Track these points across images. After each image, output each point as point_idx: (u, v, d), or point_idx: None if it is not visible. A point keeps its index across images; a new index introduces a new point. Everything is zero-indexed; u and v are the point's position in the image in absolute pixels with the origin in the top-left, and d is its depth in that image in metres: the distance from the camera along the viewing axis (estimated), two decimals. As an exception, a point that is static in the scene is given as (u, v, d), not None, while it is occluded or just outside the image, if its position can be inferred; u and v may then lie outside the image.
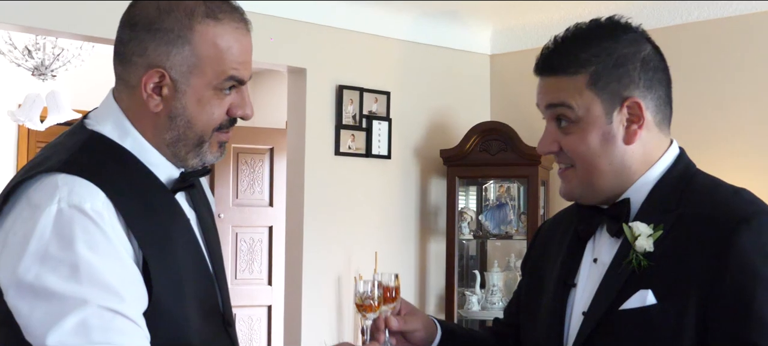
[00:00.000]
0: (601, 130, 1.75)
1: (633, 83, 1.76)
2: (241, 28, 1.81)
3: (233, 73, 1.77)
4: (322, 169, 5.31)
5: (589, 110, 1.75)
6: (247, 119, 1.83)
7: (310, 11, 5.22)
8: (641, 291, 1.67)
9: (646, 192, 1.78)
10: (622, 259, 1.72)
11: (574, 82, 1.76)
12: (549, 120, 1.82)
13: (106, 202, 1.63)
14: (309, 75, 5.27)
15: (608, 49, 1.76)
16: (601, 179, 1.77)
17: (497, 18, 5.76)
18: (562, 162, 1.82)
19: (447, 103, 5.87)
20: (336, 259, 5.36)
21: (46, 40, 6.19)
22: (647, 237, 1.69)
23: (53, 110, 6.13)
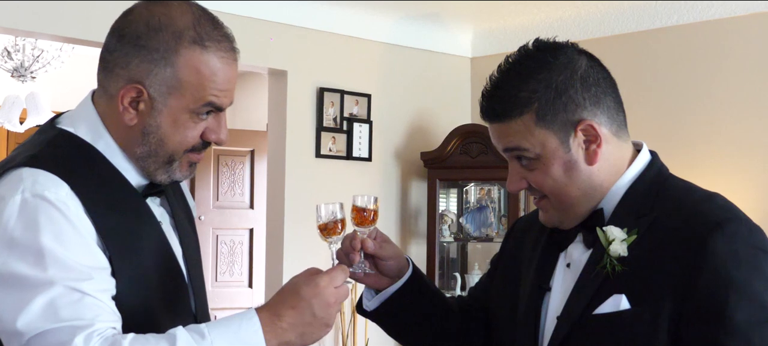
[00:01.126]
0: (561, 161, 1.74)
1: (579, 106, 1.73)
2: (227, 57, 1.80)
3: (212, 100, 1.77)
4: (303, 171, 5.30)
5: (545, 146, 1.74)
6: (221, 144, 1.84)
7: (291, 13, 5.21)
8: (615, 296, 1.68)
9: (618, 198, 1.77)
10: (595, 263, 1.72)
11: (522, 124, 1.73)
12: (510, 160, 1.80)
13: (70, 193, 1.66)
14: (290, 77, 5.27)
15: (545, 80, 1.73)
16: (574, 205, 1.77)
17: (478, 20, 5.77)
18: (535, 194, 1.81)
19: (428, 106, 5.88)
20: (317, 261, 5.31)
21: (25, 41, 6.17)
22: (621, 242, 1.69)
23: (33, 112, 6.10)
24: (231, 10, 4.95)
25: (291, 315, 1.69)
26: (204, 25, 1.77)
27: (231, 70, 1.81)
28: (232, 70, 1.81)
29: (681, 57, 4.98)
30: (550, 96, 1.72)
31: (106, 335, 1.60)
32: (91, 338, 1.58)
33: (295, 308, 1.70)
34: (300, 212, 5.27)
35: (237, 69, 1.83)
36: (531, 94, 1.72)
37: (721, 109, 4.82)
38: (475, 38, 6.04)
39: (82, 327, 1.58)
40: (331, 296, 1.73)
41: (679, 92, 4.96)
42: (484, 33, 5.96)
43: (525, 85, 1.73)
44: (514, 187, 1.81)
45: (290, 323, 1.69)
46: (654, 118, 4.92)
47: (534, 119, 1.72)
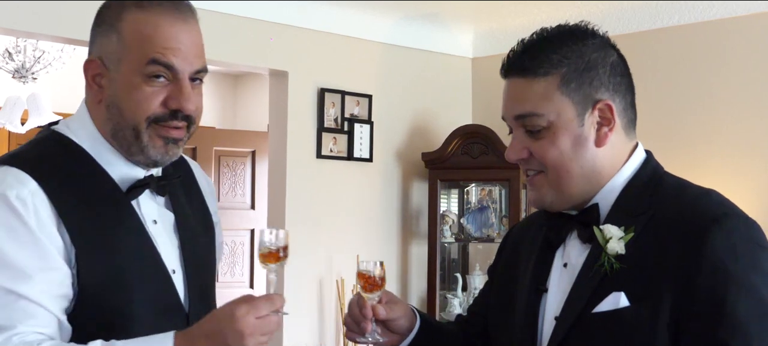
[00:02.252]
0: (572, 134, 1.75)
1: (603, 86, 1.76)
2: (169, 15, 1.81)
3: (156, 57, 1.78)
4: (304, 172, 5.30)
5: (560, 114, 1.74)
6: (185, 112, 1.81)
7: (292, 14, 5.21)
8: (614, 294, 1.68)
9: (615, 196, 1.78)
10: (593, 262, 1.72)
11: (544, 85, 1.74)
12: (516, 128, 1.80)
13: (36, 190, 1.72)
14: (291, 78, 5.27)
15: (578, 51, 1.76)
16: (571, 184, 1.77)
17: (479, 21, 5.77)
18: (532, 168, 1.80)
19: (429, 107, 5.88)
20: (318, 262, 5.35)
21: (26, 42, 6.17)
22: (618, 239, 1.70)
23: (34, 113, 6.10)
24: (231, 11, 4.96)
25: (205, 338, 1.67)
26: None
27: (174, 28, 1.81)
28: (175, 28, 1.81)
29: (681, 57, 4.98)
30: (580, 66, 1.75)
31: (27, 339, 1.64)
32: (9, 341, 1.62)
33: (209, 336, 1.68)
34: (301, 213, 5.27)
35: (188, 28, 1.83)
36: (562, 58, 1.74)
37: (721, 110, 4.82)
38: (476, 39, 6.04)
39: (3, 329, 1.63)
40: (247, 326, 1.67)
41: (679, 92, 4.96)
42: (485, 33, 5.96)
43: (558, 49, 1.75)
44: (515, 156, 1.80)
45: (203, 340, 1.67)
46: (654, 118, 4.92)
47: (558, 83, 1.74)
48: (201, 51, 1.86)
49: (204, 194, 2.09)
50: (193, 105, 1.82)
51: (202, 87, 1.88)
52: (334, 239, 5.41)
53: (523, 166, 1.82)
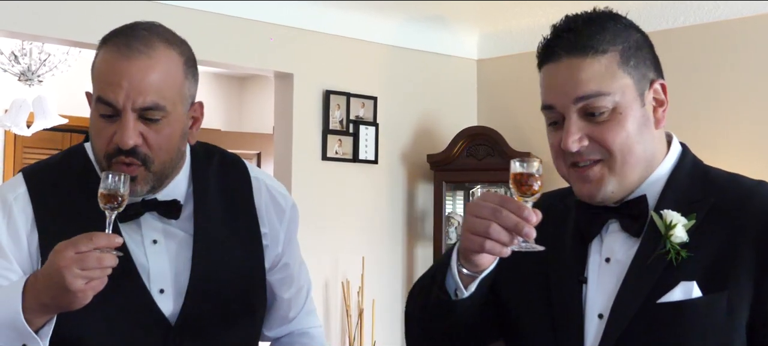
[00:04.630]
0: (637, 114, 1.64)
1: (653, 66, 1.70)
2: (116, 51, 1.79)
3: (100, 95, 1.79)
4: (309, 174, 5.31)
5: (625, 93, 1.63)
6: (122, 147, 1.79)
7: (297, 16, 5.22)
8: (684, 283, 1.58)
9: (660, 186, 1.68)
10: (648, 253, 1.62)
11: (607, 62, 1.63)
12: (571, 114, 1.64)
13: (22, 195, 1.86)
14: (296, 80, 5.27)
15: (625, 30, 1.69)
16: (635, 170, 1.65)
17: (484, 23, 5.77)
18: (590, 157, 1.65)
19: (434, 108, 5.88)
20: (323, 264, 5.35)
21: (32, 45, 6.18)
22: (682, 226, 1.59)
23: (40, 116, 6.11)
24: (236, 13, 4.96)
25: (42, 277, 1.69)
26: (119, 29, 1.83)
27: (118, 64, 1.78)
28: (120, 64, 1.78)
29: (687, 58, 4.96)
30: (632, 44, 1.67)
31: None
32: None
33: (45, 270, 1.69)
34: (306, 215, 5.23)
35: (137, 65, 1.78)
36: (615, 36, 1.66)
37: (728, 111, 4.81)
38: (481, 40, 6.04)
39: None
40: (63, 259, 1.63)
41: (684, 94, 4.95)
42: (489, 35, 5.96)
43: (609, 27, 1.67)
44: (574, 144, 1.63)
45: (43, 285, 1.68)
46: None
47: (618, 60, 1.64)
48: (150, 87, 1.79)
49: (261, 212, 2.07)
50: (132, 140, 1.77)
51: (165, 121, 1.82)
52: (340, 240, 5.41)
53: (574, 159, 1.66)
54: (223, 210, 2.00)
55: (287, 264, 2.15)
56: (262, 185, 2.11)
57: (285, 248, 2.13)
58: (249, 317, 2.07)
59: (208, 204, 1.98)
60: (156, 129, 1.81)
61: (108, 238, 1.67)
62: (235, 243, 2.01)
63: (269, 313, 2.15)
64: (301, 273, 2.21)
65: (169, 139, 1.84)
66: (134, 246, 1.89)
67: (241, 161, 2.14)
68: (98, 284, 1.66)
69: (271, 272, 2.12)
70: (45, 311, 1.70)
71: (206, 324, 1.93)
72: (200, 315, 1.92)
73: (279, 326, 2.19)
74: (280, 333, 2.20)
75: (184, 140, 1.91)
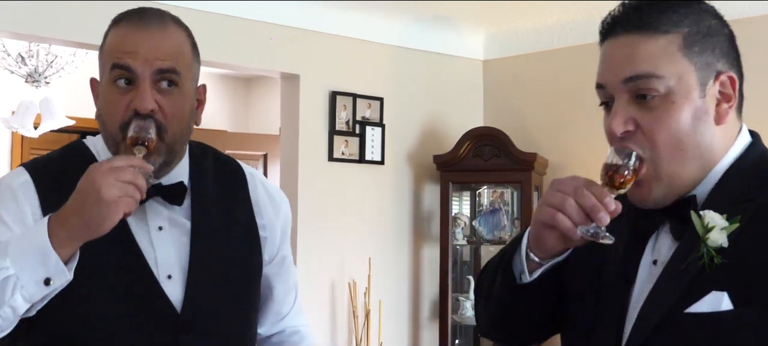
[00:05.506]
0: (693, 106, 1.50)
1: (724, 57, 1.54)
2: (132, 25, 1.89)
3: (115, 61, 1.86)
4: (316, 175, 5.31)
5: (682, 80, 1.50)
6: (140, 111, 1.83)
7: (304, 17, 5.22)
8: (714, 293, 1.43)
9: (713, 183, 1.53)
10: (684, 255, 1.48)
11: (666, 44, 1.51)
12: (621, 96, 1.53)
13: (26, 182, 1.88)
14: (302, 81, 5.28)
15: (697, 13, 1.54)
16: (684, 168, 1.52)
17: (490, 23, 5.77)
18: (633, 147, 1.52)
19: (440, 109, 5.88)
20: (329, 265, 5.36)
21: (39, 47, 6.19)
22: (721, 230, 1.44)
23: (47, 117, 6.12)
24: (242, 15, 4.97)
25: (71, 201, 1.71)
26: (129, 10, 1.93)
27: (133, 34, 1.87)
28: (135, 34, 1.87)
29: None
30: (702, 30, 1.53)
31: None
32: None
33: (76, 191, 1.71)
34: (313, 216, 5.27)
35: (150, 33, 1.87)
36: (683, 17, 1.52)
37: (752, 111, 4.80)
38: (487, 41, 6.04)
39: None
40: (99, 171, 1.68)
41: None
42: (496, 35, 5.96)
43: (678, 7, 1.54)
44: (621, 127, 1.52)
45: (71, 208, 1.70)
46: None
47: (680, 43, 1.51)
48: (166, 53, 1.87)
49: (258, 206, 2.11)
50: (151, 104, 1.83)
51: (178, 93, 1.89)
52: (346, 241, 5.42)
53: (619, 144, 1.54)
54: (220, 201, 2.04)
55: (284, 257, 2.20)
56: (257, 180, 2.17)
57: (281, 243, 2.19)
58: (251, 307, 2.10)
59: (206, 194, 2.02)
60: (170, 98, 1.87)
61: (141, 160, 1.74)
62: (233, 233, 2.04)
63: (263, 308, 2.18)
64: (292, 270, 2.25)
65: (181, 110, 1.89)
66: (140, 233, 1.92)
67: (235, 160, 2.20)
68: (130, 202, 1.68)
69: (270, 265, 2.15)
70: (70, 239, 1.70)
71: (211, 313, 1.95)
72: (205, 303, 1.94)
73: (271, 323, 2.21)
74: (272, 330, 2.21)
75: (192, 118, 1.96)
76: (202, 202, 2.01)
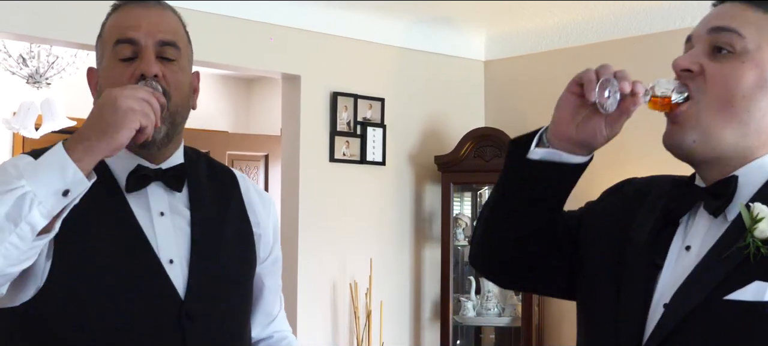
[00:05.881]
0: (760, 73, 1.54)
1: None
2: (132, 5, 1.98)
3: (119, 37, 1.93)
4: (317, 175, 5.31)
5: (760, 49, 1.55)
6: (148, 75, 1.89)
7: (304, 18, 5.22)
8: (758, 283, 1.43)
9: (764, 177, 1.55)
10: (728, 244, 1.48)
11: (759, 18, 1.57)
12: (700, 45, 1.60)
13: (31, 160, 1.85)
14: (303, 82, 5.28)
15: None
16: (728, 126, 1.54)
17: (491, 24, 5.77)
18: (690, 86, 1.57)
19: (441, 110, 5.88)
20: (331, 265, 5.36)
21: (40, 48, 6.19)
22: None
23: (48, 118, 6.12)
24: (243, 15, 4.97)
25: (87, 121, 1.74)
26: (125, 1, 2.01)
27: (134, 12, 1.97)
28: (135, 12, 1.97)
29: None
30: None
31: None
32: None
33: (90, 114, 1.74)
34: (314, 217, 5.27)
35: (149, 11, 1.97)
36: None
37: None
38: (489, 41, 6.04)
39: None
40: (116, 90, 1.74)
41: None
42: (497, 36, 5.96)
43: None
44: (686, 62, 1.59)
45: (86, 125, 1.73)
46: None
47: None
48: (167, 28, 1.96)
49: (250, 206, 2.14)
50: (157, 70, 1.89)
51: (177, 66, 1.96)
52: (348, 242, 5.41)
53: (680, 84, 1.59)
54: (214, 198, 2.08)
55: (277, 257, 2.23)
56: (247, 181, 2.20)
57: (275, 242, 2.21)
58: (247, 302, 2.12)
59: (202, 190, 2.06)
60: (171, 68, 1.94)
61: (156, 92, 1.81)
62: (228, 228, 2.07)
63: (255, 308, 2.19)
64: (280, 273, 2.28)
65: (182, 82, 1.96)
66: (143, 217, 1.94)
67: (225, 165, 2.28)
68: (146, 118, 1.72)
69: (263, 264, 2.17)
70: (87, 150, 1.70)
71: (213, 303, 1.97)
72: (207, 291, 1.96)
73: (263, 325, 2.22)
74: (262, 334, 2.23)
75: (189, 97, 2.02)
76: (199, 195, 2.04)
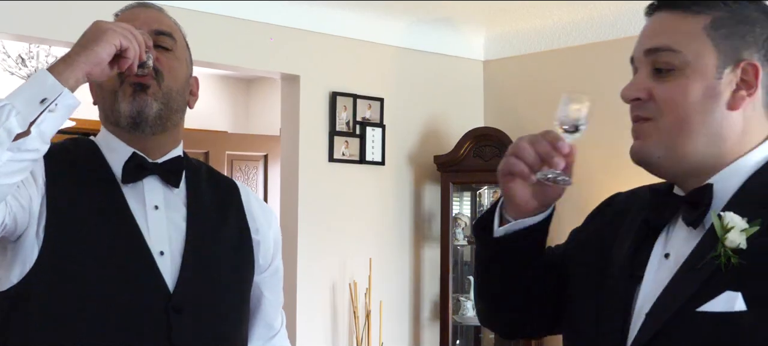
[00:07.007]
0: (705, 84, 1.53)
1: (755, 46, 1.55)
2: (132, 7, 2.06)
3: None
4: (316, 175, 5.31)
5: (700, 57, 1.53)
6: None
7: (304, 18, 5.22)
8: (729, 293, 1.43)
9: (740, 181, 1.53)
10: (704, 253, 1.48)
11: (692, 23, 1.55)
12: (643, 68, 1.59)
13: None
14: (302, 82, 5.28)
15: (740, 3, 1.57)
16: (688, 141, 1.54)
17: (490, 24, 5.77)
18: (644, 113, 1.57)
19: (440, 110, 5.88)
20: (330, 266, 5.36)
21: (39, 48, 6.19)
22: (740, 232, 1.44)
23: (47, 118, 6.12)
24: (243, 16, 4.97)
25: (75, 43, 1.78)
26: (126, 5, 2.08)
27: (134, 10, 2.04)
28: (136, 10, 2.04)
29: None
30: (736, 16, 1.55)
31: None
32: None
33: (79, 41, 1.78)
34: (313, 217, 5.27)
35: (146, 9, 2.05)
36: (721, 1, 1.56)
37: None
38: (488, 42, 6.04)
39: None
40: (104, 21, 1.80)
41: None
42: (496, 36, 5.96)
43: None
44: (632, 93, 1.58)
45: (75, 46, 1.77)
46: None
47: (707, 24, 1.54)
48: (163, 22, 2.03)
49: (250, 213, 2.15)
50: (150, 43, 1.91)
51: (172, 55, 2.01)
52: (347, 242, 5.42)
53: (634, 112, 1.60)
54: (213, 199, 2.09)
55: (278, 269, 2.24)
56: (249, 191, 2.22)
57: (275, 253, 2.22)
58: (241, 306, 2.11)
59: (201, 194, 2.07)
60: (167, 55, 1.99)
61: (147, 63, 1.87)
62: (226, 231, 2.08)
63: (254, 318, 2.19)
64: (281, 287, 2.29)
65: (177, 69, 2.01)
66: (137, 209, 1.96)
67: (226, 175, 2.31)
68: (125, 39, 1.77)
69: (263, 273, 2.18)
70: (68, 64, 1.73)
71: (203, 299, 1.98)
72: (198, 287, 1.97)
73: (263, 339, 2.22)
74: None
75: (186, 90, 2.06)
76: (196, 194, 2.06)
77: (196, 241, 2.00)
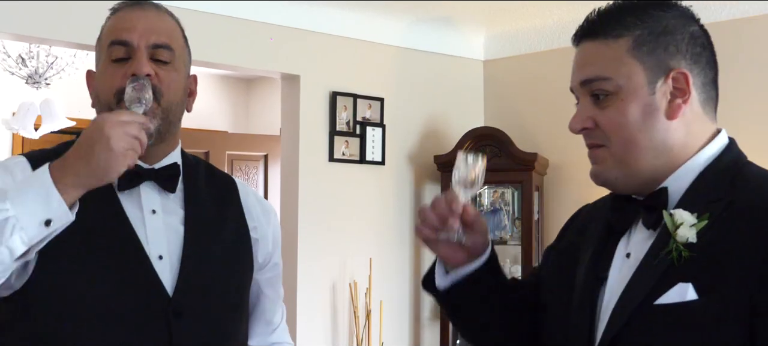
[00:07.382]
0: (642, 102, 1.61)
1: (679, 54, 1.63)
2: (129, 8, 2.01)
3: (113, 39, 1.96)
4: (316, 175, 5.31)
5: (631, 79, 1.62)
6: (139, 74, 1.91)
7: (304, 18, 5.22)
8: (681, 285, 1.51)
9: (689, 181, 1.62)
10: (658, 250, 1.56)
11: (615, 48, 1.63)
12: (583, 97, 1.69)
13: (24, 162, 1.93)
14: (303, 82, 5.28)
15: (655, 16, 1.64)
16: (639, 158, 1.63)
17: (490, 23, 5.77)
18: (595, 140, 1.67)
19: (440, 109, 5.88)
20: (330, 265, 5.36)
21: (39, 48, 6.19)
22: (690, 227, 1.53)
23: (47, 118, 6.12)
24: (243, 15, 4.97)
25: (75, 148, 1.75)
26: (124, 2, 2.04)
27: (129, 15, 1.99)
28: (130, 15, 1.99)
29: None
30: (656, 30, 1.63)
31: None
32: None
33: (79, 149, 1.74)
34: (313, 216, 5.27)
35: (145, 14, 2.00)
36: (637, 20, 1.63)
37: (734, 111, 4.79)
38: (488, 41, 6.04)
39: None
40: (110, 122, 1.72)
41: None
42: (496, 36, 5.96)
43: (634, 12, 1.65)
44: (578, 125, 1.68)
45: (76, 154, 1.73)
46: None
47: (629, 46, 1.62)
48: (161, 31, 1.98)
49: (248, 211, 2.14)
50: (147, 69, 1.91)
51: (171, 67, 1.98)
52: (347, 242, 5.42)
53: (586, 140, 1.69)
54: (211, 201, 2.09)
55: (277, 265, 2.23)
56: (247, 188, 2.22)
57: (274, 250, 2.21)
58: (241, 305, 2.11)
59: (198, 192, 2.07)
60: (165, 69, 1.96)
61: (144, 117, 1.80)
62: (224, 229, 2.07)
63: (254, 315, 2.20)
64: (281, 283, 2.29)
65: (175, 82, 1.98)
66: (134, 214, 1.95)
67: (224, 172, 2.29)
68: (133, 155, 1.74)
69: (262, 270, 2.18)
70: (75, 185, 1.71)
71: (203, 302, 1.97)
72: (197, 289, 1.96)
73: (263, 335, 2.22)
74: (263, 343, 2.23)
75: (184, 99, 2.04)
76: (194, 195, 2.05)
77: (195, 243, 1.99)
